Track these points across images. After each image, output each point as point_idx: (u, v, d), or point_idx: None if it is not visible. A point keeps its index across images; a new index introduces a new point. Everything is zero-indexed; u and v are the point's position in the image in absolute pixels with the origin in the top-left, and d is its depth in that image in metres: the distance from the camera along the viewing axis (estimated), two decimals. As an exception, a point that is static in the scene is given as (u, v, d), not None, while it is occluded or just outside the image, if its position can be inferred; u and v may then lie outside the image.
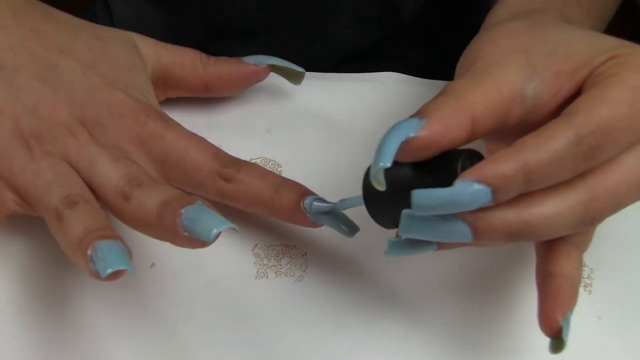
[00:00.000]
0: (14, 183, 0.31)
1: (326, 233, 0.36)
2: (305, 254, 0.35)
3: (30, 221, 0.33)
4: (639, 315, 0.34)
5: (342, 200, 0.31)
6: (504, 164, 0.23)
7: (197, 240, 0.28)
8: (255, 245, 0.36)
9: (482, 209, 0.24)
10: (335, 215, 0.32)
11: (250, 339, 0.33)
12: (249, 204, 0.33)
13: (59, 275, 0.34)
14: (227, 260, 0.35)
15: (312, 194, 0.32)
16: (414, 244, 0.27)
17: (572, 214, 0.25)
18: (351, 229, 0.32)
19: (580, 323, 0.34)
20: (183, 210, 0.28)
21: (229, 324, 0.33)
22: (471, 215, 0.24)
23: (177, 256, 0.35)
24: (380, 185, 0.24)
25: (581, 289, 0.35)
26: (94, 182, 0.31)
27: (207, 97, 0.38)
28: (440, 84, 0.41)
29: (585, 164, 0.24)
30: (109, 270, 0.26)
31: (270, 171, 0.33)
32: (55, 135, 0.31)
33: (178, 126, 0.33)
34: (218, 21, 0.46)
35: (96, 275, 0.27)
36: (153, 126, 0.32)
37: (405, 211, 0.24)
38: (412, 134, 0.24)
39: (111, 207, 0.30)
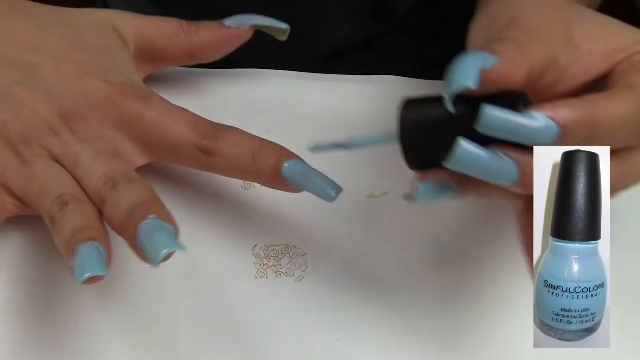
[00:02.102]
0: (10, 188, 0.32)
1: (326, 233, 0.36)
2: (305, 254, 0.35)
3: (29, 222, 0.33)
4: (638, 316, 0.34)
5: (352, 137, 0.30)
6: (577, 110, 0.24)
7: (149, 260, 0.28)
8: (255, 245, 0.36)
9: (532, 153, 0.25)
10: (316, 177, 0.32)
11: (250, 339, 0.33)
12: (232, 174, 0.33)
13: (58, 276, 0.34)
14: (227, 260, 0.35)
15: (291, 156, 0.32)
16: (439, 189, 0.27)
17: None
18: (334, 188, 0.32)
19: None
20: (140, 226, 0.28)
21: (229, 324, 0.33)
22: (523, 156, 0.25)
23: (177, 256, 0.35)
24: (452, 108, 0.25)
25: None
26: (79, 180, 0.31)
27: (193, 64, 0.38)
28: (439, 84, 0.41)
29: (635, 139, 0.25)
30: (86, 276, 0.27)
31: (250, 136, 0.33)
32: (40, 135, 0.32)
33: (158, 102, 0.33)
34: (210, 16, 0.45)
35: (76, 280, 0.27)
36: (131, 108, 0.32)
37: (461, 139, 0.24)
38: (487, 66, 0.24)
39: (95, 206, 0.31)
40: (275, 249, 0.36)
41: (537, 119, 0.24)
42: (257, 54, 0.49)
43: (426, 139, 0.26)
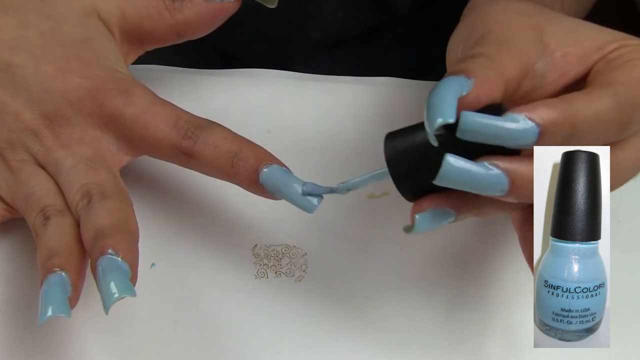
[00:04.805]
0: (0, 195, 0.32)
1: (326, 233, 0.36)
2: (305, 254, 0.36)
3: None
4: (638, 316, 0.34)
5: (344, 183, 0.30)
6: (555, 109, 0.24)
7: None
8: (255, 245, 0.36)
9: (520, 160, 0.25)
10: (295, 184, 0.31)
11: (250, 339, 0.33)
12: (212, 175, 0.33)
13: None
14: (227, 260, 0.35)
15: (272, 160, 0.31)
16: (437, 216, 0.27)
17: None
18: (315, 196, 0.31)
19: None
20: (98, 262, 0.28)
21: (229, 323, 0.33)
22: (510, 165, 0.25)
23: (177, 256, 0.35)
24: (435, 141, 0.25)
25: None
26: (61, 187, 0.32)
27: (181, 41, 0.37)
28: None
29: (616, 134, 0.25)
30: (46, 317, 0.27)
31: (231, 136, 0.32)
32: (24, 140, 0.32)
33: (138, 97, 0.33)
34: None
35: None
36: (110, 106, 0.32)
37: (448, 154, 0.24)
38: (464, 92, 0.25)
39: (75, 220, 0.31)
40: (275, 249, 0.36)
41: (516, 120, 0.24)
42: (256, 43, 0.48)
43: (415, 167, 0.27)
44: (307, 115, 0.40)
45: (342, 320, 0.34)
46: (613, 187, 0.27)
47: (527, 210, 0.29)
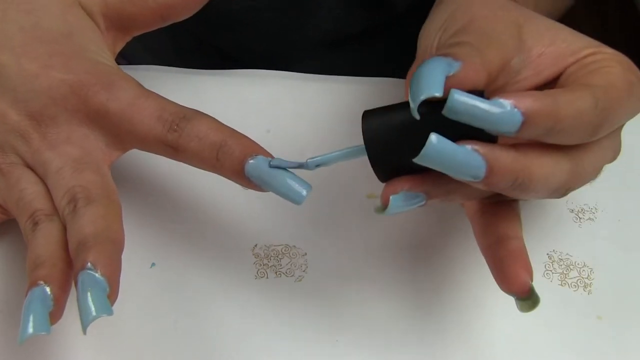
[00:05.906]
0: None
1: (326, 233, 0.36)
2: (305, 254, 0.36)
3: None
4: (639, 315, 0.34)
5: (312, 158, 0.29)
6: (540, 101, 0.24)
7: None
8: (255, 245, 0.36)
9: (500, 148, 0.25)
10: (282, 175, 0.30)
11: (250, 338, 0.33)
12: (199, 167, 0.32)
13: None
14: (227, 260, 0.35)
15: (258, 151, 0.31)
16: (409, 199, 0.27)
17: (559, 179, 0.26)
18: (304, 186, 0.30)
19: (580, 323, 0.34)
20: (79, 276, 0.28)
21: (229, 323, 0.33)
22: (490, 151, 0.25)
23: (177, 256, 0.35)
24: (418, 115, 0.25)
25: (581, 289, 0.35)
26: (50, 189, 0.31)
27: (166, 25, 0.36)
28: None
29: (589, 135, 0.26)
30: (25, 336, 0.27)
31: (216, 126, 0.31)
32: (12, 142, 0.32)
33: (123, 90, 0.32)
34: (207, 10, 0.45)
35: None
36: (95, 101, 0.32)
37: (432, 134, 0.24)
38: (451, 72, 0.25)
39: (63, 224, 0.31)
40: (275, 249, 0.36)
41: (502, 106, 0.24)
42: (255, 42, 0.48)
43: (393, 146, 0.27)
44: (307, 115, 0.40)
45: (342, 320, 0.34)
46: (573, 189, 0.27)
47: (485, 201, 0.29)
